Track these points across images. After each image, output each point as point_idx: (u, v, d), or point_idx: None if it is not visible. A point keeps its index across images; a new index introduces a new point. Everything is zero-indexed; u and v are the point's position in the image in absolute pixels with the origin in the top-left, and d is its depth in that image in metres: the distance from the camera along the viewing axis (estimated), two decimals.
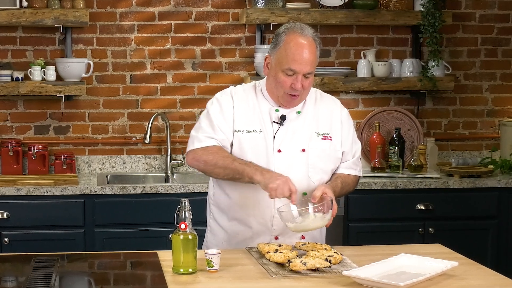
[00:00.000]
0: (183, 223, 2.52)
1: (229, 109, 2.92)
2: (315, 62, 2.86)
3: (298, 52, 2.81)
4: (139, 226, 4.22)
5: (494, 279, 2.51)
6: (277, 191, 2.69)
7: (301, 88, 2.84)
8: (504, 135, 4.96)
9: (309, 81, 2.86)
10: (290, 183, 2.71)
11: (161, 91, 4.85)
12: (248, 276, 2.51)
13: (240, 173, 2.79)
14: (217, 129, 2.90)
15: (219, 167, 2.84)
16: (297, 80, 2.82)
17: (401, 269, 2.51)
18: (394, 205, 4.41)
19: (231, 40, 4.88)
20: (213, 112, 2.93)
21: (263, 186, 2.74)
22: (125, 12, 4.78)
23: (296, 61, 2.80)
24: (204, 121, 2.94)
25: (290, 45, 2.82)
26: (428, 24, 4.71)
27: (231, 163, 2.82)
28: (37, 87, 4.49)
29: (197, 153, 2.89)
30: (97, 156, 4.81)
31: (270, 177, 2.73)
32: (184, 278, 2.49)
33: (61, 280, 2.50)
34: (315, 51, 2.85)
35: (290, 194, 2.71)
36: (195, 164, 2.90)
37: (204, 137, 2.90)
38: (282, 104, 2.92)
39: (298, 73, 2.81)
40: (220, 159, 2.84)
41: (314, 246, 2.73)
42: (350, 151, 3.04)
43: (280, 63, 2.84)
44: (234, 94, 2.96)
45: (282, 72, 2.83)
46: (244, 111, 2.93)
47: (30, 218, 4.15)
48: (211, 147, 2.88)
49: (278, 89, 2.88)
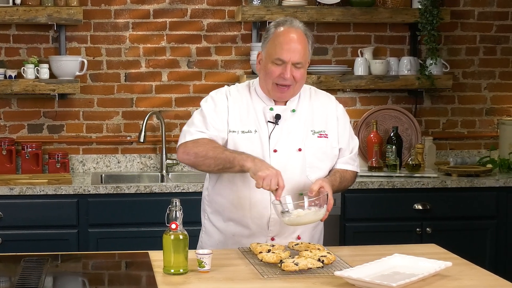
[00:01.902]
0: (173, 223, 2.51)
1: (223, 109, 2.90)
2: (305, 53, 2.83)
3: (286, 41, 2.80)
4: (133, 226, 4.19)
5: (488, 279, 2.50)
6: (265, 181, 2.64)
7: (291, 78, 2.81)
8: (503, 134, 4.92)
9: (300, 72, 2.83)
10: (279, 177, 2.67)
11: (156, 90, 4.81)
12: (240, 277, 2.49)
13: (231, 161, 2.75)
14: (209, 126, 2.87)
15: (209, 158, 2.80)
16: (286, 70, 2.80)
17: (395, 269, 2.49)
18: (392, 204, 4.38)
19: (227, 38, 4.84)
20: (207, 110, 2.91)
21: (252, 173, 2.69)
22: (120, 10, 4.74)
23: (284, 50, 2.79)
24: (197, 117, 2.91)
25: (278, 36, 2.82)
26: (426, 21, 4.67)
27: (222, 152, 2.79)
28: (30, 85, 4.45)
29: (188, 146, 2.86)
30: (91, 155, 4.77)
31: (261, 165, 2.69)
32: (174, 278, 2.48)
33: (50, 280, 2.49)
34: (304, 43, 2.83)
35: (277, 188, 2.66)
36: (186, 158, 2.85)
37: (195, 131, 2.87)
38: (273, 97, 2.89)
39: (287, 62, 2.80)
40: (210, 149, 2.80)
41: (307, 246, 2.71)
42: (347, 147, 3.01)
43: (269, 55, 2.83)
44: (229, 94, 2.94)
45: (271, 63, 2.83)
46: (238, 111, 2.90)
47: (23, 218, 4.12)
48: (201, 139, 2.85)
49: (267, 80, 2.85)
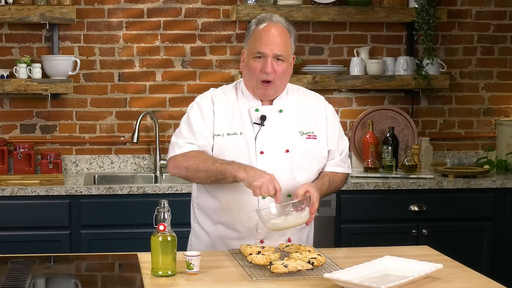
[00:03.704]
0: (161, 224, 2.49)
1: (209, 114, 2.87)
2: (286, 46, 2.81)
3: (266, 35, 2.79)
4: (126, 227, 4.15)
5: (479, 281, 2.47)
6: (262, 189, 2.63)
7: (272, 72, 2.78)
8: (500, 135, 4.87)
9: (282, 67, 2.80)
10: (275, 181, 2.65)
11: (150, 90, 4.77)
12: (228, 279, 2.47)
13: (223, 173, 2.73)
14: (197, 135, 2.84)
15: (201, 171, 2.77)
16: (266, 63, 2.77)
17: (386, 271, 2.46)
18: (387, 206, 4.33)
19: (222, 38, 4.80)
20: (193, 117, 2.87)
21: (247, 183, 2.67)
22: (113, 9, 4.70)
23: (263, 44, 2.78)
24: (184, 126, 2.88)
25: (259, 31, 2.81)
26: (422, 21, 4.63)
27: (212, 164, 2.76)
28: (23, 85, 4.41)
29: (178, 160, 2.84)
30: (84, 156, 4.72)
31: (254, 175, 2.67)
32: (162, 280, 2.46)
33: (37, 282, 2.47)
34: (286, 36, 2.81)
35: (275, 192, 2.65)
36: (177, 172, 2.85)
37: (184, 143, 2.84)
38: (258, 95, 2.86)
39: (267, 55, 2.77)
40: (200, 162, 2.78)
41: (298, 248, 2.68)
42: (337, 149, 2.96)
43: (251, 51, 2.82)
44: (214, 98, 2.90)
45: (253, 58, 2.81)
46: (224, 114, 2.87)
47: (15, 219, 4.08)
48: (191, 152, 2.82)
49: (251, 77, 2.83)
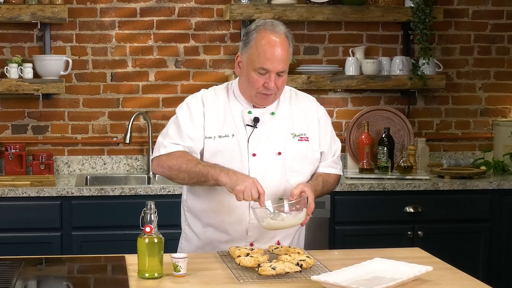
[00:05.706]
0: (148, 226, 2.47)
1: (199, 115, 2.82)
2: (288, 59, 2.76)
3: (270, 51, 2.71)
4: (118, 229, 4.10)
5: (469, 284, 2.44)
6: (245, 193, 2.61)
7: (274, 87, 2.74)
8: (497, 135, 4.82)
9: (282, 79, 2.77)
10: (258, 185, 2.62)
11: (143, 90, 4.72)
12: (216, 281, 2.44)
13: (205, 175, 2.71)
14: (184, 136, 2.80)
15: (183, 172, 2.75)
16: (270, 79, 2.73)
17: (375, 273, 2.42)
18: (382, 207, 4.29)
19: (215, 37, 4.75)
20: (182, 118, 2.83)
21: (229, 188, 2.65)
22: (106, 8, 4.66)
23: (268, 60, 2.71)
24: (172, 127, 2.85)
25: (261, 43, 2.72)
26: (418, 20, 4.59)
27: (195, 166, 2.73)
28: (14, 85, 4.37)
29: (162, 159, 2.82)
30: (76, 157, 4.68)
31: (236, 179, 2.64)
32: (148, 283, 2.43)
33: (21, 284, 2.45)
34: (287, 49, 2.75)
35: (259, 196, 2.62)
36: (160, 171, 2.83)
37: (169, 143, 2.82)
38: (256, 103, 2.83)
39: (271, 72, 2.72)
40: (183, 163, 2.75)
41: (287, 250, 2.65)
42: (329, 150, 2.93)
43: (252, 62, 2.74)
44: (205, 99, 2.86)
45: (254, 71, 2.74)
46: (215, 116, 2.83)
47: (5, 221, 4.05)
48: (176, 152, 2.80)
49: (251, 88, 2.78)
